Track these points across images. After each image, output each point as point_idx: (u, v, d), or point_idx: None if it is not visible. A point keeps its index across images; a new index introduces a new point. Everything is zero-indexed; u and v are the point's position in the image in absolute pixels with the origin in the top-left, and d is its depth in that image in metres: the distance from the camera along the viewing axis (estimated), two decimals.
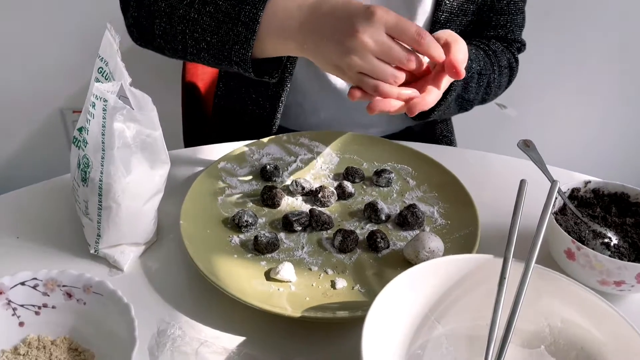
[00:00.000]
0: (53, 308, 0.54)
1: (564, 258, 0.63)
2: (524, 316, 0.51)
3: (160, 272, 0.65)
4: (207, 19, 0.72)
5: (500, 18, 0.92)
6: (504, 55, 0.93)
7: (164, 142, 0.63)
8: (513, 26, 0.94)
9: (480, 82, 0.86)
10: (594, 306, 0.51)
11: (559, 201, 0.68)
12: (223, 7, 0.71)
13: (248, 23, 0.68)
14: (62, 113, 1.69)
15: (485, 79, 0.87)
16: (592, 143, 1.82)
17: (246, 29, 0.68)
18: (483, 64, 0.86)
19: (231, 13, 0.70)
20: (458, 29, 0.89)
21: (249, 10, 0.68)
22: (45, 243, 0.67)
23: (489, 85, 0.89)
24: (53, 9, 1.52)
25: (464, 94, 0.84)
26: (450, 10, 0.86)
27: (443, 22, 0.87)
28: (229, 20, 0.70)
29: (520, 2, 0.93)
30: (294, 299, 0.60)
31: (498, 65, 0.90)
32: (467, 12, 0.88)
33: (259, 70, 0.74)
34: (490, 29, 0.93)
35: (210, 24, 0.72)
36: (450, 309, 0.55)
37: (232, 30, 0.70)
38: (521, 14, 0.95)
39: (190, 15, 0.73)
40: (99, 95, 0.57)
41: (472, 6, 0.88)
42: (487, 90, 0.90)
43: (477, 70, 0.84)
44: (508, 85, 0.98)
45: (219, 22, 0.71)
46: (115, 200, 0.62)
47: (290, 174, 0.80)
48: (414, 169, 0.82)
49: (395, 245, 0.69)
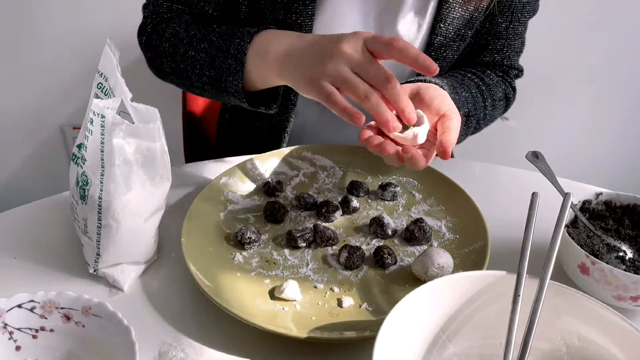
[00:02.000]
0: (51, 331, 0.52)
1: (577, 273, 0.61)
2: (539, 335, 0.49)
3: (162, 292, 0.63)
4: (203, 54, 0.78)
5: (498, 42, 0.90)
6: (499, 87, 0.91)
7: (168, 155, 0.61)
8: (510, 51, 0.92)
9: (469, 124, 0.84)
10: (612, 323, 0.49)
11: (570, 214, 0.66)
12: (216, 42, 0.77)
13: (236, 55, 0.73)
14: (62, 130, 1.68)
15: (474, 119, 0.85)
16: (603, 154, 1.81)
17: (235, 61, 0.74)
18: (472, 106, 0.83)
19: (222, 47, 0.75)
20: (454, 54, 0.88)
21: (238, 43, 0.73)
22: (43, 263, 0.66)
23: (478, 123, 0.88)
24: (54, 24, 1.52)
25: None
26: (446, 34, 0.84)
27: (437, 46, 0.85)
28: (221, 54, 0.75)
29: (520, 27, 0.91)
30: (299, 318, 0.59)
31: (492, 99, 0.88)
32: (464, 37, 0.86)
33: (256, 100, 0.78)
34: (486, 52, 0.92)
35: (206, 59, 0.77)
36: (462, 327, 0.53)
37: (225, 63, 0.75)
38: (519, 39, 0.93)
39: (189, 53, 0.79)
40: (97, 112, 0.56)
41: (469, 31, 0.86)
42: (476, 127, 0.88)
43: (465, 113, 0.82)
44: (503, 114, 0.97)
45: (212, 57, 0.76)
46: (115, 218, 0.60)
47: (294, 188, 0.79)
48: (419, 182, 0.80)
49: (402, 261, 0.67)
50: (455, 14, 0.83)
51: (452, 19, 0.83)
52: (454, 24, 0.84)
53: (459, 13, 0.83)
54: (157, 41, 0.84)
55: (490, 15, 0.86)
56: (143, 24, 0.89)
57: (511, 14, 0.88)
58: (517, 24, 0.90)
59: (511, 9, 0.87)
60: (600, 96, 1.72)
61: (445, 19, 0.83)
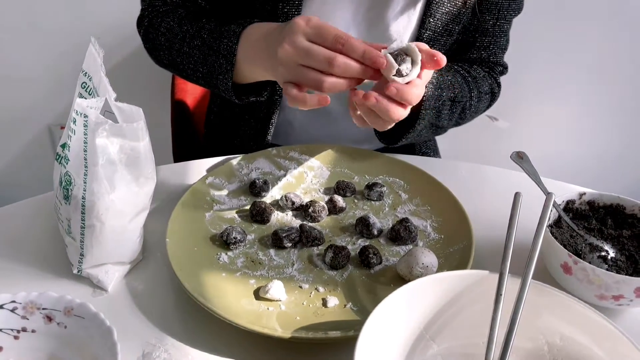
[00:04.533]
0: (33, 332, 0.52)
1: (560, 272, 0.61)
2: (521, 333, 0.50)
3: (146, 292, 0.63)
4: (196, 51, 0.80)
5: (485, 39, 0.92)
6: (486, 81, 0.93)
7: (152, 154, 0.61)
8: (496, 48, 0.94)
9: (454, 109, 0.85)
10: (593, 322, 0.50)
11: (553, 214, 0.66)
12: (207, 40, 0.78)
13: (227, 55, 0.75)
14: (49, 129, 1.67)
15: (459, 106, 0.86)
16: (586, 154, 1.82)
17: (226, 61, 0.75)
18: (459, 91, 0.84)
19: (213, 46, 0.77)
20: (442, 49, 0.89)
21: (226, 43, 0.75)
22: (26, 263, 0.65)
23: (463, 111, 0.89)
24: (40, 22, 1.50)
25: (436, 121, 0.83)
26: (434, 29, 0.86)
27: (426, 40, 0.86)
28: (212, 53, 0.77)
29: (506, 25, 0.93)
30: (284, 318, 0.59)
31: (477, 91, 0.90)
32: (452, 33, 0.88)
33: (246, 91, 0.79)
34: (473, 50, 0.94)
35: (200, 56, 0.80)
36: (445, 327, 0.54)
37: (216, 62, 0.77)
38: (505, 36, 0.95)
39: (184, 49, 0.82)
40: (80, 111, 0.55)
41: (457, 27, 0.87)
42: (461, 115, 0.89)
43: (450, 97, 0.83)
44: (487, 109, 0.98)
45: (205, 55, 0.79)
46: (99, 219, 0.60)
47: (280, 188, 0.79)
48: (406, 182, 0.80)
49: (387, 260, 0.67)
50: (445, 9, 0.84)
51: (441, 14, 0.85)
52: (442, 19, 0.85)
53: (447, 8, 0.84)
54: (154, 34, 0.86)
55: (477, 13, 0.88)
56: (141, 16, 0.91)
57: (498, 11, 0.90)
58: (503, 21, 0.92)
59: (498, 7, 0.90)
60: (585, 97, 1.73)
61: (434, 14, 0.84)
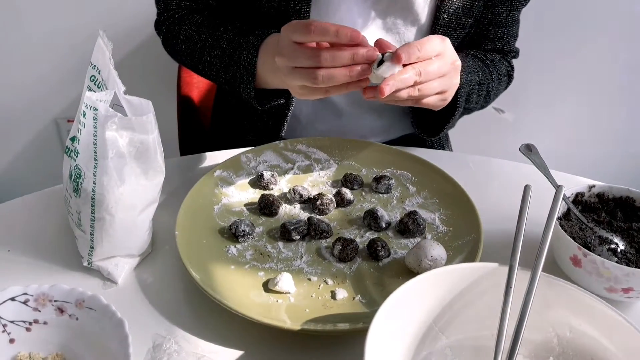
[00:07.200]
0: (44, 324, 0.52)
1: (569, 265, 0.61)
2: (531, 326, 0.50)
3: (156, 285, 0.63)
4: (217, 60, 0.82)
5: (499, 30, 0.93)
6: (502, 64, 0.94)
7: (161, 147, 0.61)
8: (509, 37, 0.95)
9: (481, 92, 0.87)
10: (603, 315, 0.50)
11: (563, 206, 0.66)
12: (227, 50, 0.81)
13: (247, 67, 0.77)
14: (56, 122, 1.68)
15: (484, 87, 0.88)
16: (596, 146, 1.81)
17: (247, 72, 0.78)
18: (482, 74, 0.86)
19: (234, 57, 0.79)
20: (455, 42, 0.89)
21: (246, 55, 0.77)
22: (36, 256, 0.66)
23: (488, 94, 0.90)
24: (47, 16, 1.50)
25: (467, 104, 0.84)
26: (448, 24, 0.86)
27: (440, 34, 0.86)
28: (233, 64, 0.80)
29: (517, 14, 0.94)
30: (293, 310, 0.59)
31: (497, 73, 0.91)
32: (465, 26, 0.88)
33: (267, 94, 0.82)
34: (488, 41, 0.94)
35: (221, 65, 0.82)
36: (454, 319, 0.54)
37: (237, 72, 0.79)
38: (517, 24, 0.96)
39: (204, 57, 0.84)
40: (90, 104, 0.56)
41: (470, 20, 0.87)
42: (486, 98, 0.91)
43: (477, 81, 0.85)
44: (505, 90, 0.99)
45: (226, 65, 0.81)
46: (109, 211, 0.60)
47: (288, 181, 0.79)
48: (413, 175, 0.80)
49: (396, 253, 0.67)
50: (458, 4, 0.84)
51: (454, 9, 0.84)
52: (456, 13, 0.85)
53: (460, 3, 0.84)
54: (174, 41, 0.89)
55: (491, 7, 0.88)
56: (157, 21, 0.93)
57: (510, 2, 0.90)
58: (515, 12, 0.92)
59: None
60: (595, 89, 1.72)
61: (448, 10, 0.84)
